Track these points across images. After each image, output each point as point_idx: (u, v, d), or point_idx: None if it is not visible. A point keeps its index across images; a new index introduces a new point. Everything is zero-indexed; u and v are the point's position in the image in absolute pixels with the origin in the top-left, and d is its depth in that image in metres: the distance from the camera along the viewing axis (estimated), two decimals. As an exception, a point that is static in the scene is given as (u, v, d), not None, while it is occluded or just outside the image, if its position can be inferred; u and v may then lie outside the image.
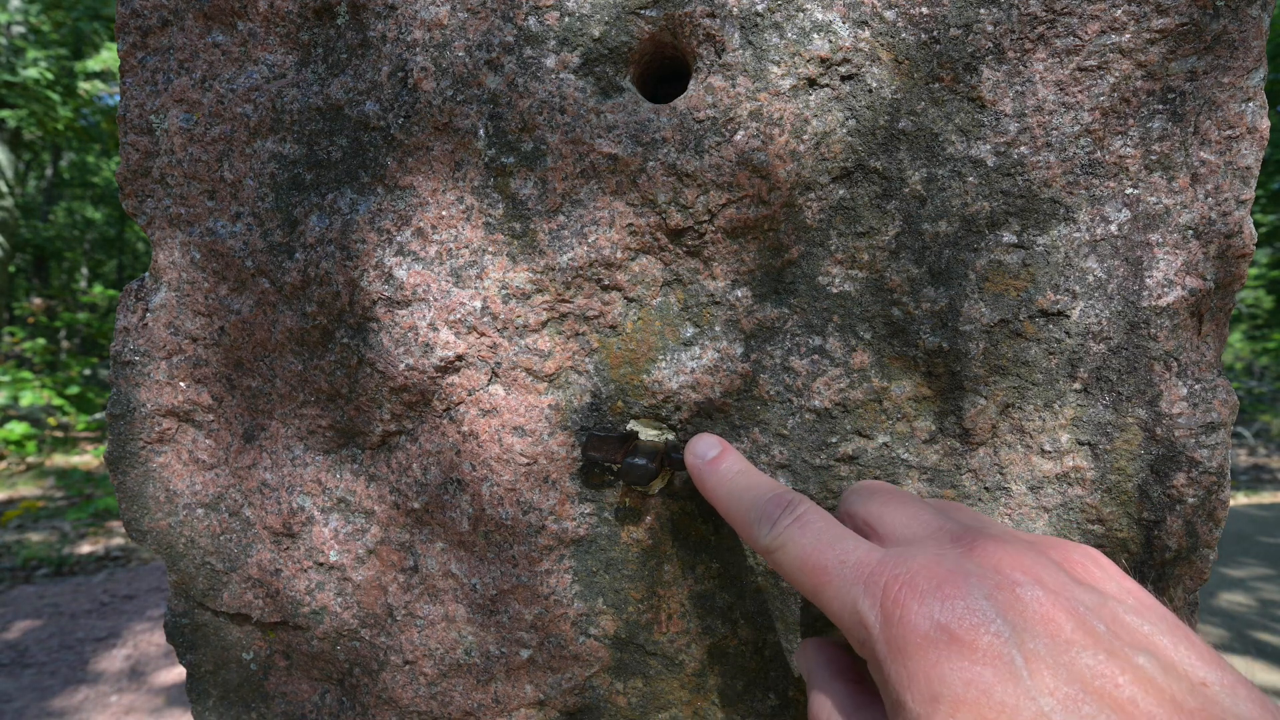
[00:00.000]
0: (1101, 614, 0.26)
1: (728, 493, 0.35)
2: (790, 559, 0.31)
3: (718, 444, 0.37)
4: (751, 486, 0.35)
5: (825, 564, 0.30)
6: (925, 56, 0.37)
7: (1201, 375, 0.37)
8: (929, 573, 0.27)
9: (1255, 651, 2.47)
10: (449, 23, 0.39)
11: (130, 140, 0.44)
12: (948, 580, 0.26)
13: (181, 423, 0.45)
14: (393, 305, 0.40)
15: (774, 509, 0.33)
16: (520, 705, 0.43)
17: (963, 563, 0.27)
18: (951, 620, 0.25)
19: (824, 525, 0.32)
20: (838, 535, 0.31)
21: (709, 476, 0.36)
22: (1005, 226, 0.37)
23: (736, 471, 0.36)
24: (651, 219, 0.39)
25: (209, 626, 0.47)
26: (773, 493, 0.34)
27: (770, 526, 0.33)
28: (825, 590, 0.30)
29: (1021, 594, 0.26)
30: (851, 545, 0.30)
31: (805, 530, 0.32)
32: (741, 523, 0.34)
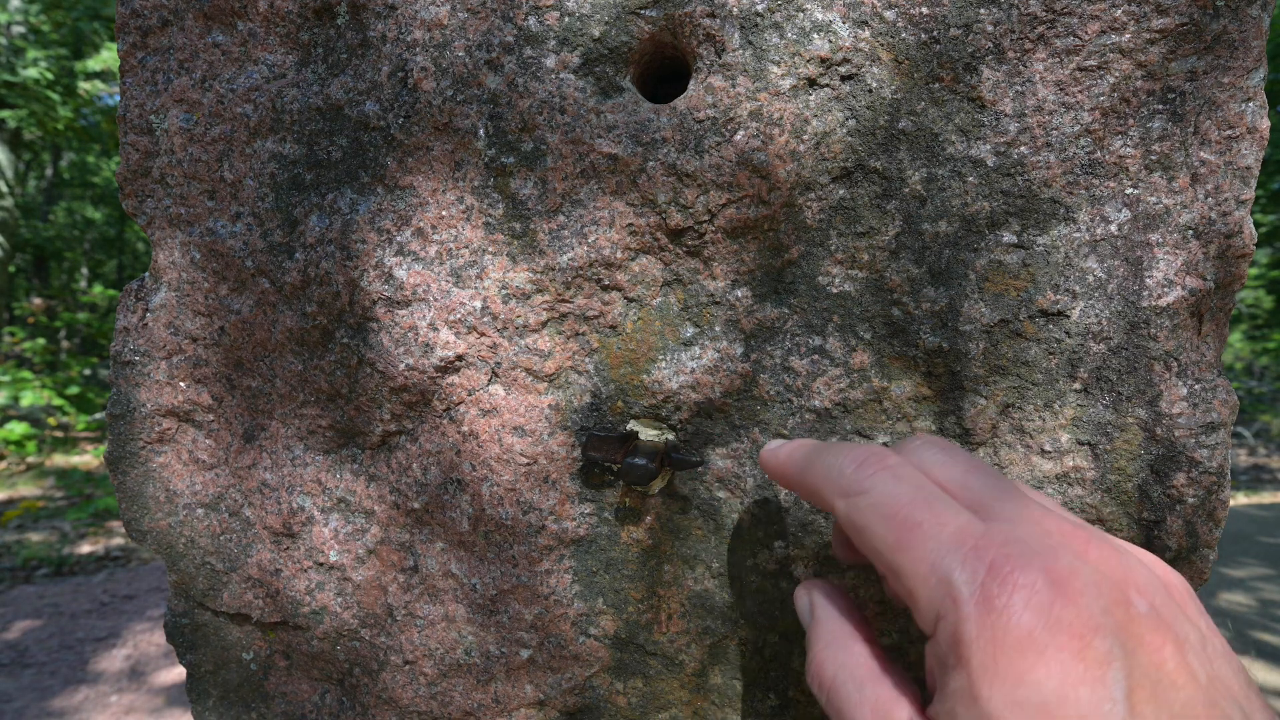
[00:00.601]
0: (1202, 655, 0.24)
1: (805, 455, 0.32)
2: (875, 505, 0.28)
3: (782, 440, 0.35)
4: (820, 451, 0.32)
5: (919, 520, 0.26)
6: (925, 56, 0.37)
7: (1201, 375, 0.37)
8: (1044, 566, 0.24)
9: (1255, 651, 2.47)
10: (449, 23, 0.39)
11: (130, 140, 0.44)
12: (1065, 580, 0.24)
13: (181, 423, 0.45)
14: (393, 305, 0.40)
15: (862, 454, 0.30)
16: (520, 705, 0.43)
17: (1078, 565, 0.24)
18: (1062, 625, 0.23)
19: (922, 481, 0.28)
20: (937, 495, 0.27)
21: (775, 460, 0.33)
22: (1005, 226, 0.37)
23: (810, 446, 0.33)
24: (651, 219, 0.39)
25: (209, 626, 0.47)
26: (852, 450, 0.30)
27: (856, 468, 0.29)
28: (910, 549, 0.26)
29: (1136, 615, 0.24)
30: (953, 511, 0.26)
31: (899, 481, 0.28)
32: (819, 474, 0.31)
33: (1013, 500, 0.28)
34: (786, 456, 0.33)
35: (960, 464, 0.30)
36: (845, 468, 0.30)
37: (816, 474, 0.31)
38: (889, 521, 0.27)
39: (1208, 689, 0.23)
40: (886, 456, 0.29)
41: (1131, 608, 0.24)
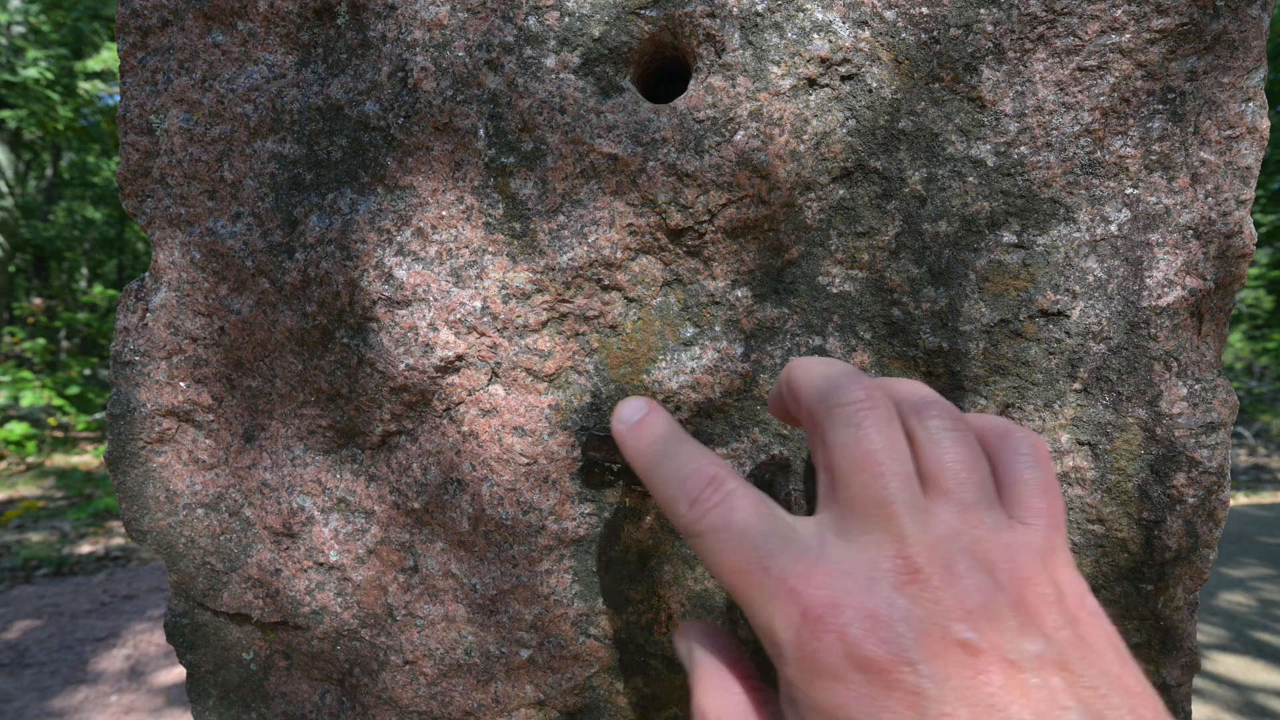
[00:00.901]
0: (1042, 668, 0.24)
1: (649, 460, 0.31)
2: (709, 549, 0.28)
3: (644, 405, 0.33)
4: (676, 454, 0.30)
5: (746, 566, 0.27)
6: (925, 56, 0.37)
7: (1201, 375, 0.37)
8: (856, 607, 0.24)
9: (1255, 652, 2.47)
10: (449, 23, 0.39)
11: (130, 140, 0.44)
12: (872, 617, 0.24)
13: (181, 423, 0.45)
14: (393, 305, 0.41)
15: (696, 484, 0.29)
16: (520, 705, 0.43)
17: (894, 597, 0.24)
18: (871, 661, 0.23)
19: (752, 512, 0.28)
20: (765, 530, 0.27)
21: (630, 441, 0.32)
22: (1005, 226, 0.37)
23: (660, 435, 0.31)
24: (651, 219, 0.39)
25: (209, 626, 0.47)
26: (697, 464, 0.29)
27: (690, 505, 0.29)
28: (744, 596, 0.27)
29: (955, 639, 0.24)
30: (779, 547, 0.27)
31: (731, 514, 0.28)
32: (661, 495, 0.30)
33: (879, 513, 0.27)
34: (634, 449, 0.32)
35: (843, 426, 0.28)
36: (681, 506, 0.29)
37: (657, 491, 0.31)
38: (722, 569, 0.28)
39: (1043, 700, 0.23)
40: (723, 482, 0.29)
41: (949, 636, 0.24)
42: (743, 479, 0.29)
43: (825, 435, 0.29)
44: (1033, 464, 0.30)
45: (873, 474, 0.27)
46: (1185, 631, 0.38)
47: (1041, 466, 0.30)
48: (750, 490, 0.29)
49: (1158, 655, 0.38)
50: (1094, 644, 0.25)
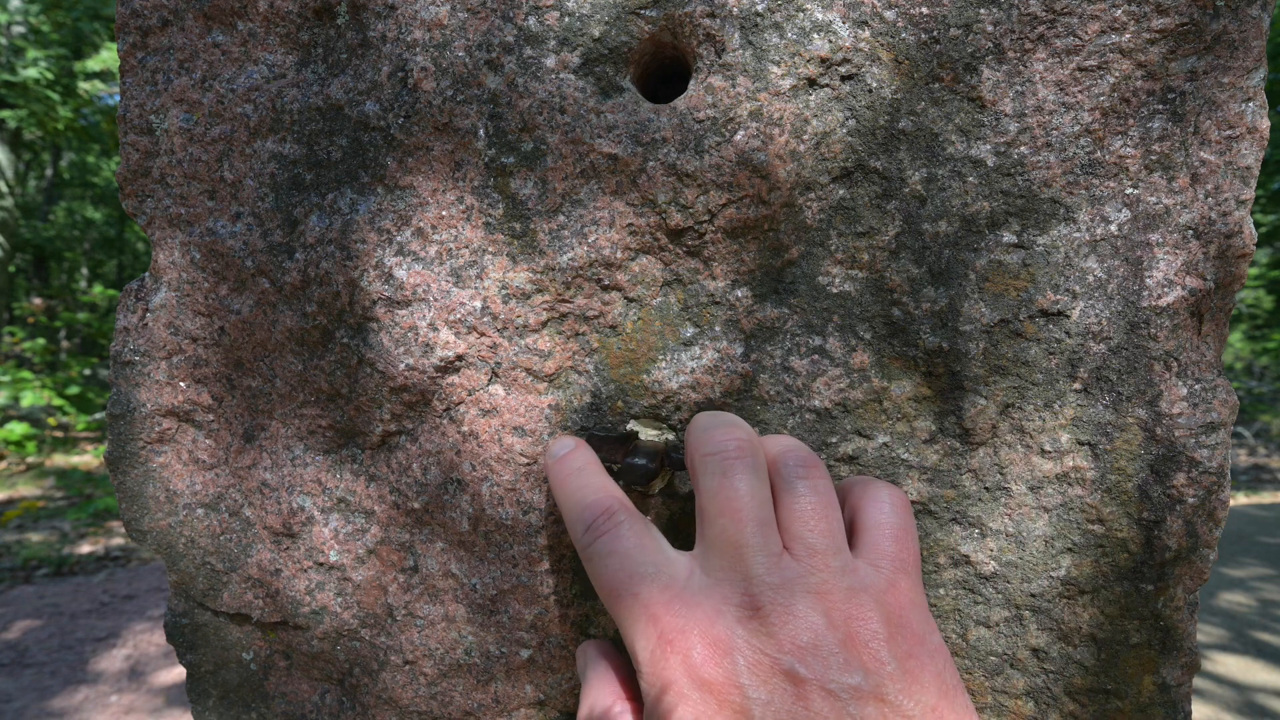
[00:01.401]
0: (859, 698, 0.27)
1: (563, 490, 0.35)
2: (596, 570, 0.32)
3: (571, 443, 0.37)
4: (583, 487, 0.35)
5: (621, 590, 0.31)
6: (925, 56, 0.37)
7: (1201, 375, 0.37)
8: (702, 633, 0.28)
9: (1255, 651, 2.47)
10: (449, 23, 0.39)
11: (130, 140, 0.44)
12: (714, 645, 0.28)
13: (181, 423, 0.45)
14: (393, 305, 0.41)
15: (592, 513, 0.33)
16: (520, 705, 0.43)
17: (735, 628, 0.28)
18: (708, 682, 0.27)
19: (635, 543, 0.32)
20: (644, 559, 0.31)
21: (552, 471, 0.36)
22: (1005, 226, 0.37)
23: (576, 469, 0.35)
24: (651, 219, 0.39)
25: (209, 626, 0.47)
26: (597, 495, 0.34)
27: (584, 530, 0.33)
28: (616, 615, 0.31)
29: (782, 669, 0.27)
30: (650, 575, 0.31)
31: (616, 543, 0.32)
32: (567, 520, 0.34)
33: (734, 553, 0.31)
34: (555, 479, 0.36)
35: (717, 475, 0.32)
36: (578, 529, 0.33)
37: (565, 515, 0.35)
38: (603, 591, 0.32)
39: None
40: (614, 514, 0.33)
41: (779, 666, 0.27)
42: (637, 514, 0.34)
43: (698, 480, 0.33)
44: (889, 511, 0.33)
45: (732, 518, 0.31)
46: (1185, 631, 0.38)
47: (897, 513, 0.33)
48: (639, 524, 0.33)
49: (1158, 655, 0.38)
50: (918, 677, 0.28)
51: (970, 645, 0.39)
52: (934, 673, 0.29)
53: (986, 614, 0.39)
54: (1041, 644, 0.39)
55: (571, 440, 0.37)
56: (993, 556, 0.38)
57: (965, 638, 0.39)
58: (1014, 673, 0.39)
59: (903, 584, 0.31)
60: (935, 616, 0.39)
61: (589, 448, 0.37)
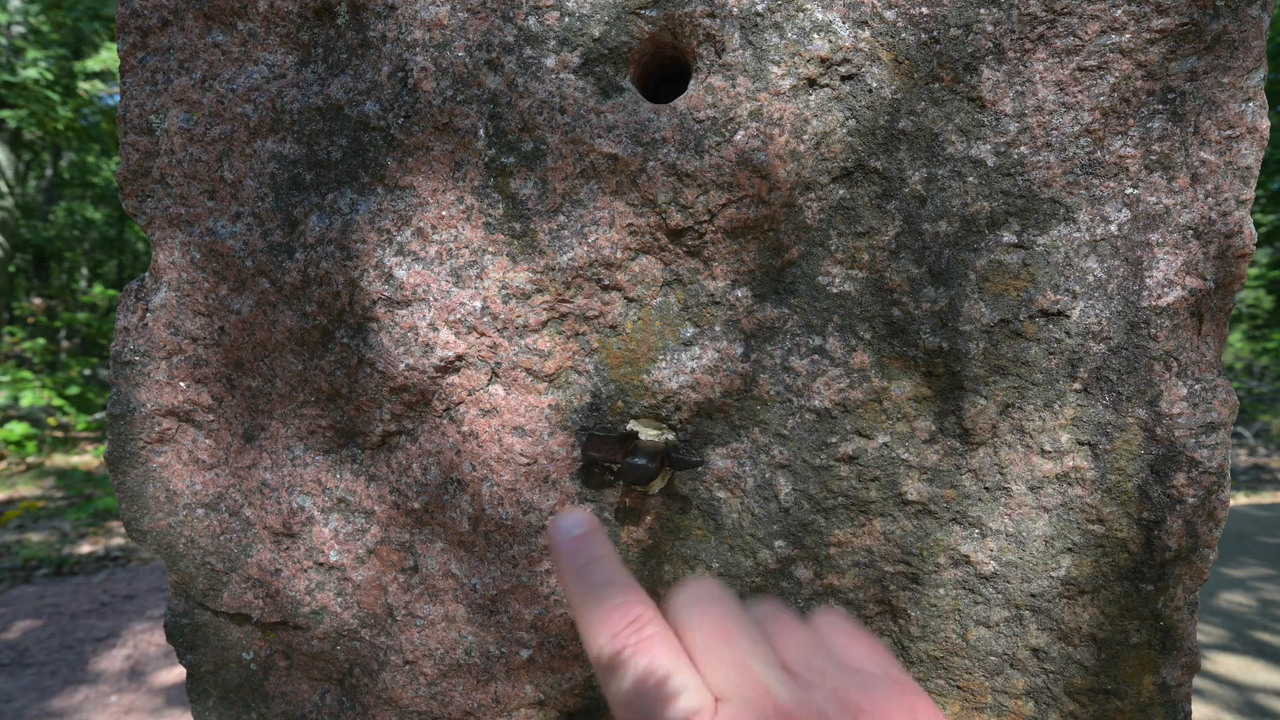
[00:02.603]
0: None
1: (579, 579, 0.33)
2: (616, 683, 0.30)
3: (585, 523, 0.35)
4: (606, 584, 0.32)
5: (650, 715, 0.29)
6: (925, 56, 0.37)
7: (1201, 375, 0.37)
8: None
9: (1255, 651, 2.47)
10: (449, 23, 0.39)
11: (130, 140, 0.44)
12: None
13: (181, 423, 0.45)
14: (393, 305, 0.40)
15: (622, 619, 0.31)
16: (520, 705, 0.43)
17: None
18: None
19: (665, 661, 0.30)
20: (673, 686, 0.29)
21: (565, 554, 0.34)
22: (1005, 226, 0.37)
23: (596, 558, 0.33)
24: (651, 219, 0.39)
25: (209, 626, 0.47)
26: (625, 599, 0.32)
27: (611, 638, 0.31)
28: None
29: None
30: (680, 705, 0.29)
31: (645, 658, 0.30)
32: (583, 617, 0.32)
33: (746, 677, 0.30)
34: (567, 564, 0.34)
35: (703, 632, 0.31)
36: (600, 637, 0.31)
37: (580, 612, 0.32)
38: (619, 705, 0.29)
39: None
40: (644, 626, 0.31)
41: None
42: (662, 623, 0.32)
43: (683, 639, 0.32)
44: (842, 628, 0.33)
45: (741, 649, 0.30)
46: (1185, 631, 0.38)
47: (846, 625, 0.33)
48: (666, 636, 0.31)
49: (1158, 655, 0.38)
50: None
51: (970, 645, 0.39)
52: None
53: (986, 614, 0.39)
54: (1041, 644, 0.39)
55: (584, 518, 0.34)
56: (993, 556, 0.38)
57: (965, 638, 0.39)
58: (1014, 672, 0.39)
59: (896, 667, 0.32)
60: (935, 616, 0.39)
61: (604, 533, 0.35)
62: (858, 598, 0.40)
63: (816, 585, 0.40)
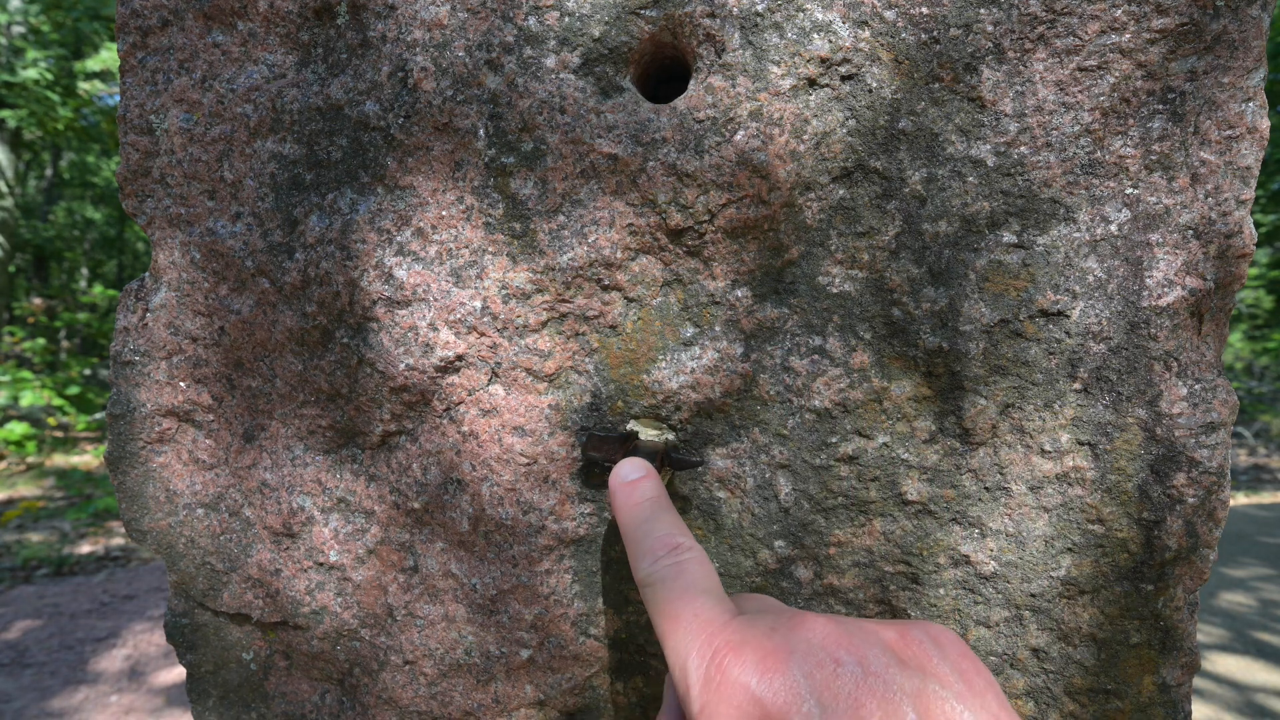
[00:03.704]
0: (918, 700, 0.26)
1: (631, 515, 0.35)
2: (656, 598, 0.32)
3: (643, 468, 0.37)
4: (654, 517, 0.35)
5: (680, 612, 0.31)
6: (925, 56, 0.37)
7: (1201, 375, 0.37)
8: (757, 644, 0.28)
9: (1255, 651, 2.47)
10: (449, 23, 0.39)
11: (130, 140, 0.44)
12: (772, 654, 0.27)
13: (181, 423, 0.45)
14: (393, 305, 0.40)
15: (661, 546, 0.33)
16: (520, 705, 0.43)
17: (791, 637, 0.28)
18: (766, 694, 0.26)
19: (699, 576, 0.32)
20: (705, 589, 0.32)
21: (621, 495, 0.36)
22: (1005, 226, 0.37)
23: (648, 499, 0.36)
24: (651, 219, 0.39)
25: (209, 626, 0.47)
26: (668, 531, 0.34)
27: (652, 561, 0.33)
28: (670, 638, 0.30)
29: (840, 673, 0.27)
30: (711, 603, 0.31)
31: (680, 575, 0.32)
32: (632, 549, 0.35)
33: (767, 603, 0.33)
34: (623, 503, 0.36)
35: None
36: (644, 560, 0.34)
37: (630, 543, 0.35)
38: (661, 615, 0.32)
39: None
40: (682, 550, 0.33)
41: (838, 669, 0.27)
42: (701, 551, 0.34)
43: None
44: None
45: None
46: (1185, 631, 0.38)
47: None
48: (705, 562, 0.33)
49: (1158, 655, 0.38)
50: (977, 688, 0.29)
51: (970, 645, 0.39)
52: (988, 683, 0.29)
53: (986, 614, 0.39)
54: (1041, 644, 0.39)
55: (642, 465, 0.37)
56: (993, 556, 0.38)
57: (965, 638, 0.39)
58: (1014, 673, 0.39)
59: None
60: (935, 616, 0.39)
61: (657, 479, 0.37)
62: (858, 598, 0.40)
63: (816, 585, 0.40)
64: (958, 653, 0.29)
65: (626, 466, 0.37)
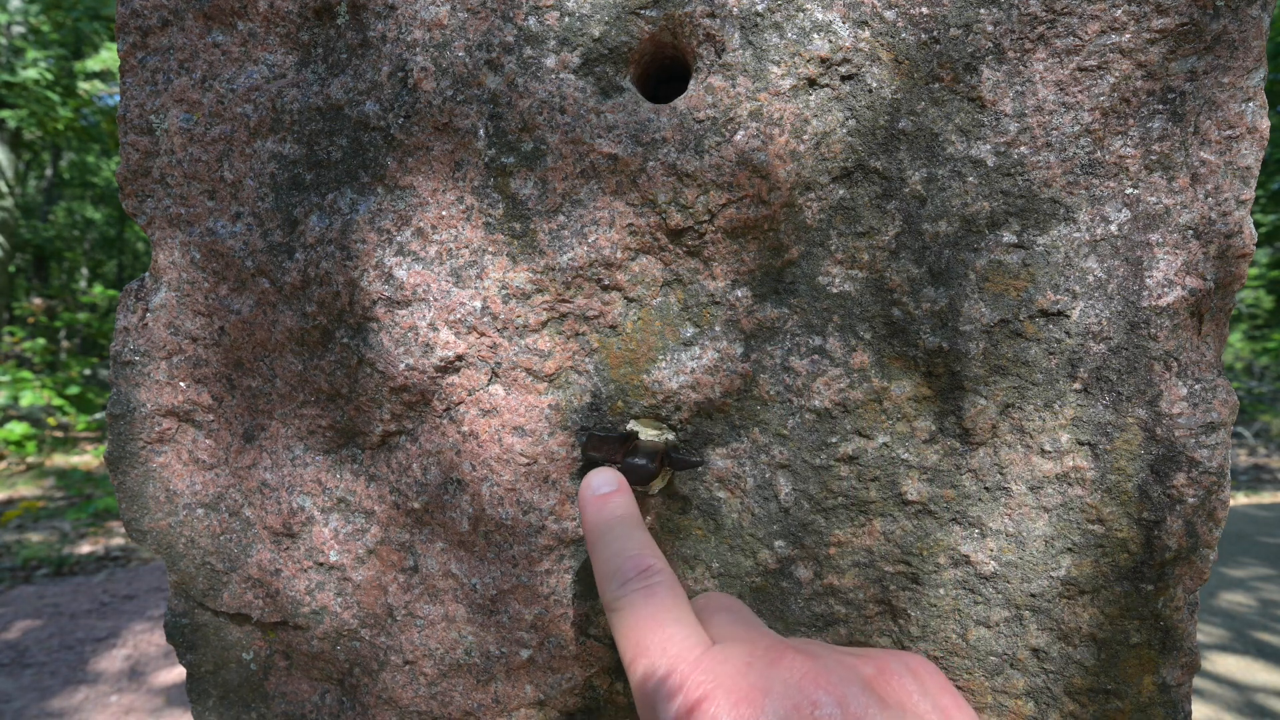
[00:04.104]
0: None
1: (601, 533, 0.34)
2: (622, 624, 0.31)
3: (615, 482, 0.36)
4: (624, 536, 0.34)
5: (648, 643, 0.30)
6: (925, 56, 0.37)
7: (1201, 375, 0.37)
8: (731, 686, 0.27)
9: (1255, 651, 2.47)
10: (449, 23, 0.39)
11: (130, 140, 0.44)
12: (746, 698, 0.26)
13: (181, 423, 0.45)
14: (393, 305, 0.41)
15: (630, 568, 0.32)
16: (520, 705, 0.43)
17: (767, 675, 0.27)
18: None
19: (668, 602, 0.31)
20: (674, 618, 0.30)
21: (591, 509, 0.35)
22: (1005, 226, 0.37)
23: (618, 516, 0.34)
24: (651, 219, 0.39)
25: (209, 626, 0.47)
26: (638, 552, 0.33)
27: (620, 585, 0.32)
28: (636, 669, 0.29)
29: (818, 716, 0.26)
30: (680, 634, 0.30)
31: (648, 601, 0.31)
32: (599, 569, 0.33)
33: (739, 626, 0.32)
34: (592, 518, 0.35)
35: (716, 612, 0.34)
36: (612, 582, 0.32)
37: (596, 563, 0.34)
38: (626, 642, 0.31)
39: None
40: (652, 574, 0.32)
41: (818, 709, 0.26)
42: (671, 575, 0.33)
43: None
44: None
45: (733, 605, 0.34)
46: (1185, 631, 0.38)
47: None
48: (675, 586, 0.32)
49: (1158, 655, 0.38)
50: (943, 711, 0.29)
51: (970, 645, 0.39)
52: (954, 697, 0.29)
53: (986, 614, 0.39)
54: (1041, 644, 0.39)
55: (612, 478, 0.36)
56: (993, 556, 0.38)
57: (965, 638, 0.39)
58: (1014, 673, 0.39)
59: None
60: (935, 616, 0.39)
61: (629, 494, 0.36)
62: (858, 598, 0.40)
63: (816, 585, 0.40)
64: (938, 687, 0.29)
65: (598, 478, 0.36)
